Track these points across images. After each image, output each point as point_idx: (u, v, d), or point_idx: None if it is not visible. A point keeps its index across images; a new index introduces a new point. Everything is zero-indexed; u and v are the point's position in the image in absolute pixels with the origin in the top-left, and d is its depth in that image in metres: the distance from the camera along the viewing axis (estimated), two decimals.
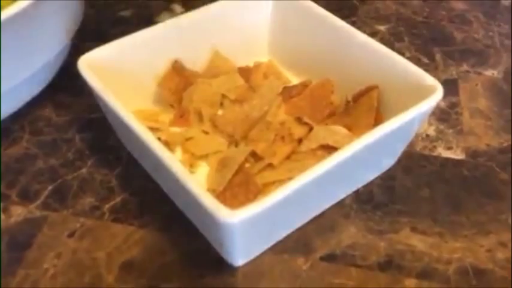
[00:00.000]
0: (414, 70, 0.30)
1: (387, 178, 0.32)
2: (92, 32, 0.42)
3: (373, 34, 0.43)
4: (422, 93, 0.29)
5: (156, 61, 0.33)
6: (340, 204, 0.30)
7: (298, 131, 0.30)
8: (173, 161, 0.25)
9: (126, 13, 0.45)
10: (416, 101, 0.28)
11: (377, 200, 0.31)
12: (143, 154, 0.30)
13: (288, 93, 0.33)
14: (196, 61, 0.35)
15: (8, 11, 0.26)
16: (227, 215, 0.22)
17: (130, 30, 0.43)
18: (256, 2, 0.36)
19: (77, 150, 0.33)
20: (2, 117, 0.32)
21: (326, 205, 0.30)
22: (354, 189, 0.31)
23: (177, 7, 0.46)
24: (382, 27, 0.44)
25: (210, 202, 0.23)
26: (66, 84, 0.37)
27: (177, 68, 0.34)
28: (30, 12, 0.27)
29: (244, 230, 0.23)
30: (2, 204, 0.30)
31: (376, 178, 0.32)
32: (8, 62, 0.29)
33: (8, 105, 0.32)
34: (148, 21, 0.44)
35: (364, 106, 0.31)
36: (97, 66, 0.30)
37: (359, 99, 0.31)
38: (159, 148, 0.25)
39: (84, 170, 0.32)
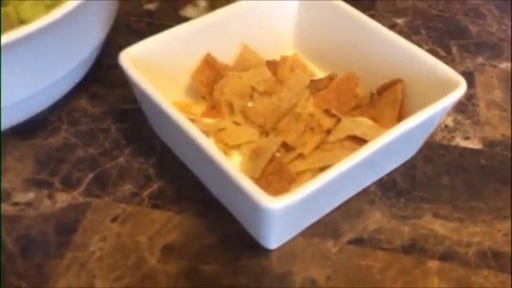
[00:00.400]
0: (438, 64, 0.32)
1: (409, 167, 0.34)
2: (119, 24, 0.43)
3: (391, 27, 0.44)
4: (445, 87, 0.31)
5: (190, 55, 0.35)
6: (365, 191, 0.32)
7: (327, 122, 0.32)
8: (215, 150, 0.26)
9: (151, 6, 0.46)
10: (439, 95, 0.30)
11: (400, 187, 0.33)
12: (181, 143, 0.31)
13: (315, 86, 0.34)
14: (226, 55, 0.36)
15: (57, 12, 0.27)
16: (270, 202, 0.24)
17: (155, 23, 0.45)
18: None
19: (113, 139, 0.35)
20: (43, 108, 0.34)
21: (353, 192, 0.31)
22: (378, 177, 0.33)
23: (201, 1, 0.48)
24: (399, 21, 0.46)
25: (253, 189, 0.24)
26: (98, 75, 0.39)
27: (209, 62, 0.35)
28: (75, 12, 0.29)
29: (283, 216, 0.25)
30: (46, 191, 0.32)
31: (399, 167, 0.34)
32: (52, 58, 0.30)
33: (48, 98, 0.34)
34: (173, 14, 0.46)
35: (389, 99, 0.33)
36: (135, 59, 0.31)
37: (383, 92, 0.33)
38: (201, 137, 0.27)
39: (121, 159, 0.34)
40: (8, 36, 0.26)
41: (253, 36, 0.37)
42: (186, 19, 0.45)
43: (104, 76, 0.39)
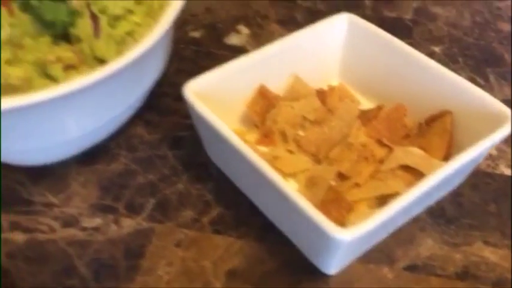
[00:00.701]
0: (485, 97, 0.33)
1: (456, 195, 0.35)
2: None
3: (429, 55, 0.45)
4: (494, 119, 0.32)
5: (244, 86, 0.37)
6: (416, 219, 0.34)
7: (379, 152, 0.33)
8: (280, 180, 0.28)
9: (196, 34, 0.48)
10: (488, 126, 0.31)
11: (449, 214, 0.34)
12: (241, 171, 0.33)
13: (365, 116, 0.36)
14: (278, 85, 0.38)
15: (133, 52, 0.29)
16: (339, 233, 0.25)
17: (202, 51, 0.47)
18: (331, 30, 0.39)
19: (171, 166, 0.37)
20: (104, 137, 0.36)
21: (406, 220, 0.33)
22: (429, 205, 0.34)
23: (243, 28, 0.49)
24: (436, 49, 0.47)
25: (321, 220, 0.26)
26: (151, 103, 0.40)
27: (262, 92, 0.37)
28: (150, 50, 0.30)
29: (348, 245, 0.27)
30: (112, 216, 0.34)
31: (446, 194, 0.35)
32: (120, 93, 0.32)
33: (111, 127, 0.35)
34: (217, 41, 0.48)
35: (438, 129, 0.34)
36: (197, 91, 0.33)
37: (432, 123, 0.35)
38: (266, 167, 0.29)
39: (180, 185, 0.36)
40: (89, 78, 0.28)
41: (301, 66, 0.39)
42: (229, 46, 0.48)
43: (156, 103, 0.41)
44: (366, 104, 0.39)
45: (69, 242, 0.32)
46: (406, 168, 0.33)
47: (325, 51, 0.40)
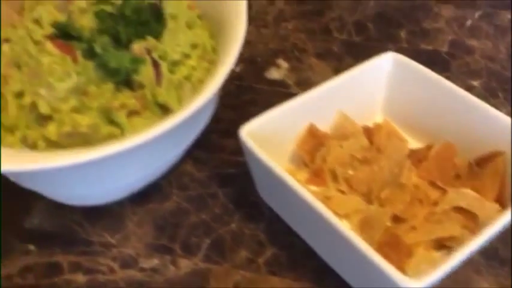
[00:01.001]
0: None
1: (507, 233, 0.35)
2: None
3: (468, 89, 0.46)
4: None
5: (294, 126, 0.37)
6: (470, 260, 0.34)
7: (433, 194, 0.34)
8: (337, 221, 0.28)
9: (236, 69, 0.49)
10: None
11: (502, 255, 0.34)
12: (296, 212, 0.33)
13: (415, 156, 0.36)
14: (326, 123, 0.39)
15: (197, 103, 0.30)
16: (409, 283, 0.26)
17: (243, 85, 0.48)
18: (376, 69, 0.40)
19: (222, 205, 0.37)
20: (157, 178, 0.37)
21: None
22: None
23: (282, 62, 0.50)
24: (475, 83, 0.48)
25: (388, 268, 0.26)
26: (199, 140, 0.41)
27: (312, 131, 0.38)
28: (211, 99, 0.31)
29: None
30: (169, 256, 0.34)
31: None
32: (179, 137, 0.33)
33: (165, 168, 0.36)
34: (258, 76, 0.49)
35: (489, 170, 0.34)
36: (251, 133, 0.34)
37: (483, 164, 0.35)
38: (323, 208, 0.29)
39: (233, 225, 0.36)
40: (158, 129, 0.28)
41: (347, 104, 0.40)
42: (270, 81, 0.49)
43: (203, 140, 0.41)
44: (412, 142, 0.39)
45: (129, 283, 0.33)
46: (460, 209, 0.33)
47: (370, 89, 0.40)
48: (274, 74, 0.49)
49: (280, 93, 0.47)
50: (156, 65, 0.32)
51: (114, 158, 0.28)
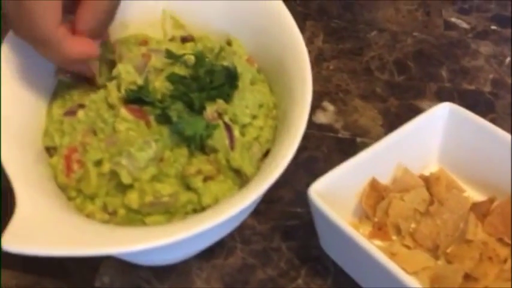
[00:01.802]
0: None
1: None
2: None
3: None
4: None
5: (357, 181, 0.38)
6: None
7: (502, 251, 0.34)
8: (410, 279, 0.29)
9: None
10: None
11: None
12: (365, 269, 0.34)
13: (478, 210, 0.37)
14: (386, 176, 0.39)
15: (274, 174, 0.30)
16: None
17: None
18: (433, 120, 0.40)
19: (287, 259, 0.38)
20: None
21: None
22: None
23: (328, 104, 0.51)
24: None
25: None
26: None
27: (374, 185, 0.38)
28: None
29: None
30: None
31: None
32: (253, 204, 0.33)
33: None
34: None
35: None
36: (318, 191, 0.34)
37: None
38: (393, 266, 0.30)
39: (300, 281, 0.36)
40: (243, 203, 0.29)
41: (404, 155, 0.40)
42: (318, 125, 0.49)
43: None
44: (468, 190, 0.40)
45: None
46: None
47: (427, 139, 0.41)
48: (321, 117, 0.49)
49: (329, 138, 0.47)
50: (228, 128, 0.33)
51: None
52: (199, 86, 0.33)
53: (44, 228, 0.25)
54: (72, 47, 0.31)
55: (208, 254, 0.38)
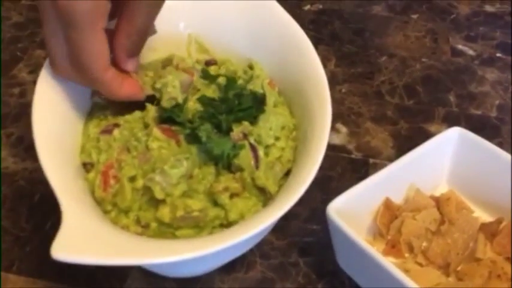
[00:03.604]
0: None
1: None
2: None
3: None
4: None
5: (371, 200, 0.40)
6: None
7: (510, 269, 0.36)
8: None
9: None
10: None
11: None
12: (381, 284, 0.35)
13: (487, 230, 0.39)
14: (398, 196, 0.41)
15: (297, 193, 0.32)
16: None
17: None
18: (443, 143, 0.42)
19: (304, 274, 0.40)
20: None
21: None
22: None
23: (341, 126, 0.53)
24: None
25: None
26: None
27: (388, 204, 0.40)
28: None
29: None
30: None
31: None
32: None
33: None
34: None
35: None
36: (336, 209, 0.37)
37: None
38: (410, 283, 0.32)
39: None
40: (268, 219, 0.31)
41: (416, 176, 0.42)
42: (332, 147, 0.51)
43: None
44: (477, 212, 0.42)
45: None
46: None
47: (437, 162, 0.43)
48: (335, 139, 0.52)
49: (343, 158, 0.50)
50: (253, 149, 0.35)
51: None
52: (227, 108, 0.35)
53: (89, 239, 0.27)
54: (121, 89, 0.34)
55: (230, 267, 0.39)
